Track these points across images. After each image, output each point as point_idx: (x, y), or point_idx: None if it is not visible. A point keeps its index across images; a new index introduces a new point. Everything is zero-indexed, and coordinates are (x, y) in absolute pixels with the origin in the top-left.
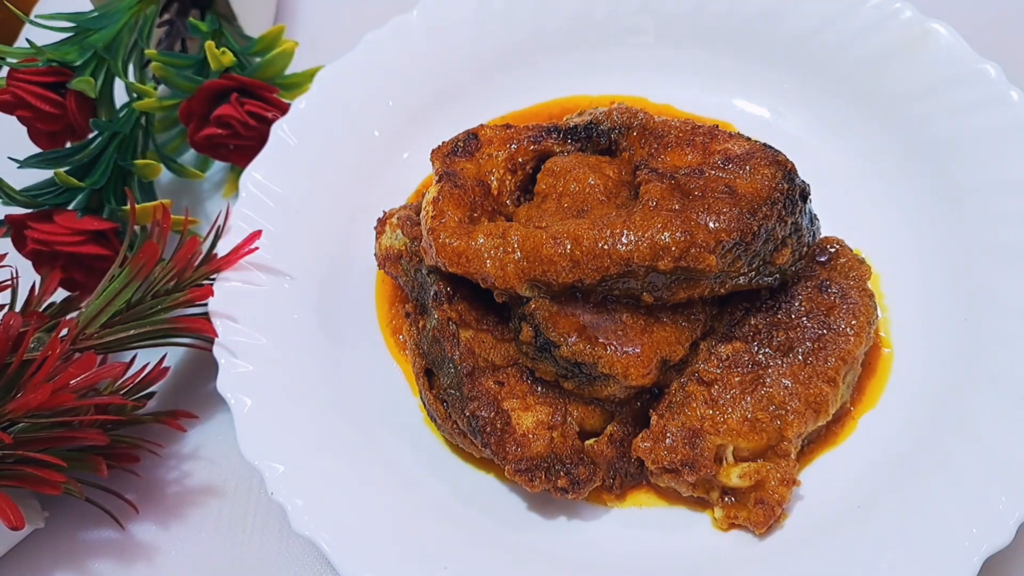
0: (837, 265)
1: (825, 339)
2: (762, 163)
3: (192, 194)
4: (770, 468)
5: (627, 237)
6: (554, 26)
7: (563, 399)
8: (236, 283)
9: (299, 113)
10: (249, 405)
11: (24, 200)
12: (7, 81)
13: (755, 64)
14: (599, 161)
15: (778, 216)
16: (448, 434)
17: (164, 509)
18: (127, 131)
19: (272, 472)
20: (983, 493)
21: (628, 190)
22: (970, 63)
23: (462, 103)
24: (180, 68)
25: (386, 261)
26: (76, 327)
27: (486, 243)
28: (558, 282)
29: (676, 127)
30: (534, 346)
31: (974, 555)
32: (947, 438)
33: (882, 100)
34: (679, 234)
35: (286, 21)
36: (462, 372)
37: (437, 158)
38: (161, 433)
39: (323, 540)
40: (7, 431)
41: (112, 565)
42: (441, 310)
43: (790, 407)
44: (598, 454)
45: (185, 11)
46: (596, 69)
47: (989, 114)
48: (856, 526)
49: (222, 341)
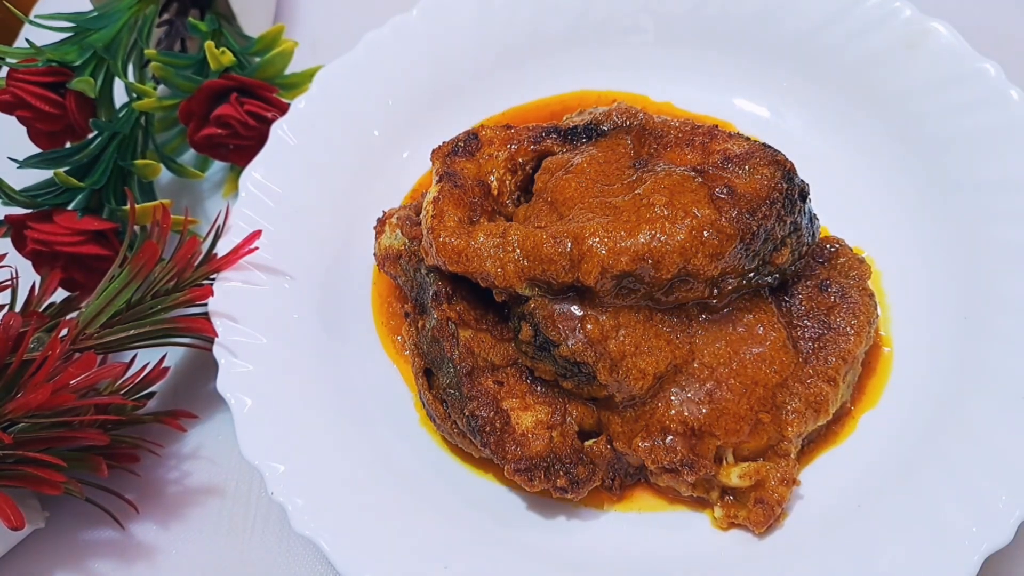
0: (837, 264)
1: (825, 338)
2: (761, 163)
3: (192, 194)
4: (770, 468)
5: (630, 239)
6: (554, 26)
7: (562, 399)
8: (236, 283)
9: (299, 113)
10: (249, 405)
11: (24, 200)
12: (7, 81)
13: (755, 64)
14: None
15: (777, 216)
16: (447, 434)
17: (164, 509)
18: (127, 131)
19: (272, 472)
20: (983, 492)
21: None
22: (970, 62)
23: (462, 103)
24: (180, 68)
25: (385, 261)
26: (76, 327)
27: (486, 242)
28: (558, 281)
29: (676, 127)
30: (533, 345)
31: (974, 554)
32: (947, 437)
33: (882, 99)
34: (681, 237)
35: (286, 21)
36: (461, 372)
37: (437, 158)
38: (161, 433)
39: (323, 540)
40: (7, 431)
41: (112, 565)
42: (440, 310)
43: (790, 407)
44: (597, 454)
45: (185, 11)
46: (597, 69)
47: (989, 113)
48: (856, 526)
49: (222, 341)
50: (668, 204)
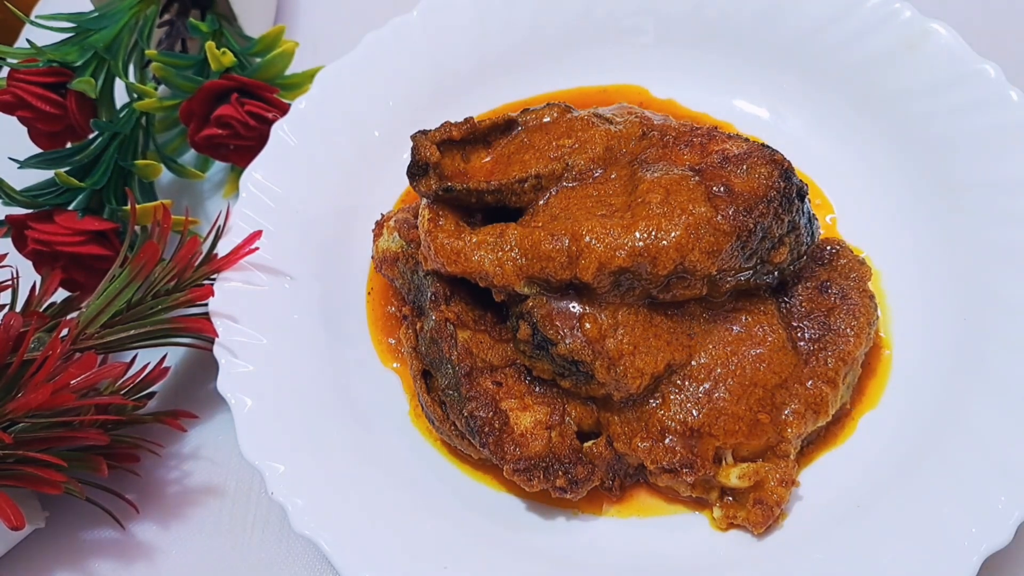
0: (837, 266)
1: (825, 340)
2: (759, 162)
3: (192, 194)
4: (769, 468)
5: (627, 236)
6: (554, 27)
7: (561, 399)
8: (236, 283)
9: (299, 113)
10: (249, 405)
11: (25, 200)
12: (8, 81)
13: (755, 64)
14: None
15: (774, 214)
16: (446, 436)
17: (164, 509)
18: (127, 131)
19: (272, 472)
20: (983, 493)
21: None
22: (970, 63)
23: (462, 103)
24: (180, 68)
25: (383, 264)
26: (76, 327)
27: (484, 242)
28: (556, 278)
29: (675, 128)
30: (532, 344)
31: (973, 555)
32: (947, 438)
33: (882, 100)
34: (677, 233)
35: (286, 21)
36: (460, 372)
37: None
38: (161, 433)
39: (323, 540)
40: (8, 431)
41: (112, 565)
42: (439, 311)
43: (790, 408)
44: (597, 455)
45: (185, 11)
46: (596, 70)
47: (989, 114)
48: (856, 526)
49: (222, 341)
50: (664, 202)
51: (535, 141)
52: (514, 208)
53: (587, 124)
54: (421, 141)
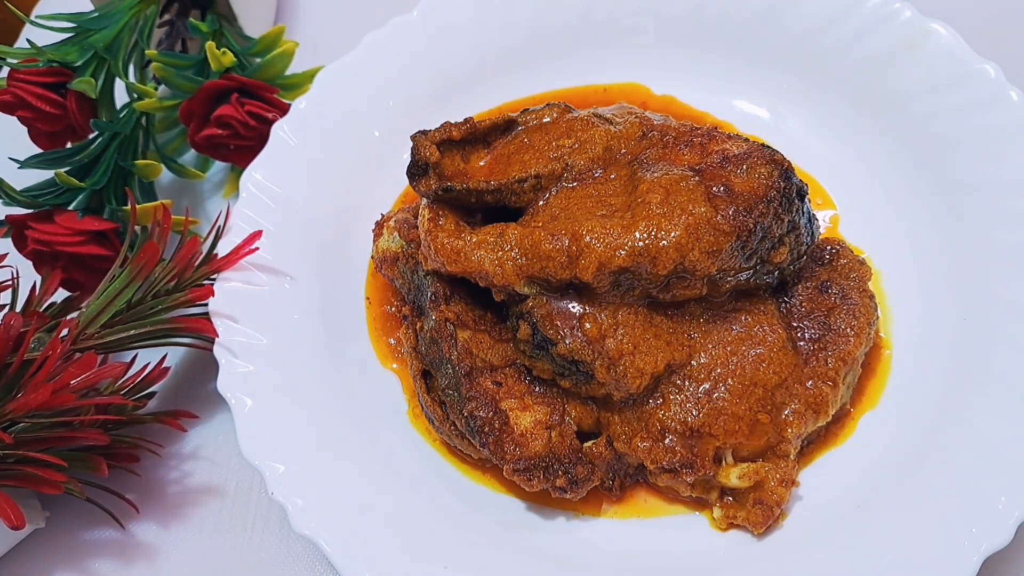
0: (838, 266)
1: (825, 340)
2: (759, 162)
3: (192, 194)
4: (769, 469)
5: (627, 236)
6: (554, 27)
7: (561, 399)
8: (236, 283)
9: (299, 113)
10: (249, 405)
11: (25, 200)
12: (8, 81)
13: (755, 64)
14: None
15: (774, 213)
16: (446, 436)
17: (164, 509)
18: (127, 131)
19: (272, 472)
20: (983, 493)
21: (627, 189)
22: (970, 63)
23: (462, 103)
24: (180, 68)
25: (383, 264)
26: (77, 327)
27: (484, 242)
28: (556, 278)
29: (675, 128)
30: (531, 344)
31: (974, 555)
32: (947, 438)
33: (882, 100)
34: (677, 233)
35: (286, 21)
36: (460, 372)
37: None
38: (161, 433)
39: (323, 540)
40: (8, 431)
41: (112, 565)
42: (439, 311)
43: (790, 408)
44: (597, 456)
45: (185, 11)
46: (596, 70)
47: (989, 114)
48: (856, 526)
49: (222, 341)
50: (664, 202)
51: (535, 141)
52: (514, 208)
53: (587, 124)
54: (421, 141)
